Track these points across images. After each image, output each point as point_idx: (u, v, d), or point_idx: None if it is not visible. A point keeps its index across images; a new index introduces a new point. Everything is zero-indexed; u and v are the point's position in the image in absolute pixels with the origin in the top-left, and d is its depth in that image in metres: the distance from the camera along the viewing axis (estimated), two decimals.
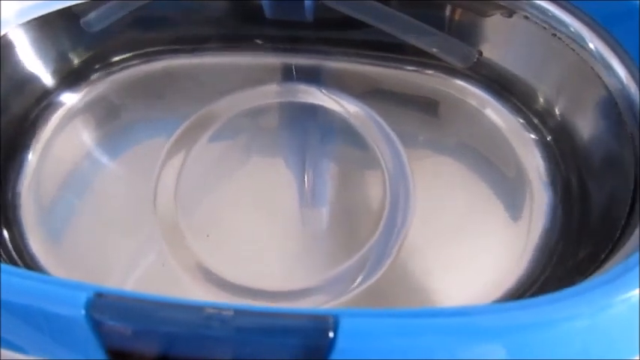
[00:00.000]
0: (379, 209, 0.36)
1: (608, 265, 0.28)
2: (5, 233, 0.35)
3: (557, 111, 0.38)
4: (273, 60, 0.43)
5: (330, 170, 0.38)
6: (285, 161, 0.39)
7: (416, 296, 0.33)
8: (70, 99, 0.41)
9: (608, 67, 0.33)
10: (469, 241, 0.35)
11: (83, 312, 0.22)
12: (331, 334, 0.21)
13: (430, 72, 0.41)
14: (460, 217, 0.36)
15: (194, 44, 0.43)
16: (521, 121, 0.39)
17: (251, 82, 0.42)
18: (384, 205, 0.36)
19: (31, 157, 0.38)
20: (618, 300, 0.23)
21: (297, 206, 0.37)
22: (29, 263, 0.34)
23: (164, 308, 0.22)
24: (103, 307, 0.22)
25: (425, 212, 0.36)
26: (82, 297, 0.22)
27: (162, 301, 0.22)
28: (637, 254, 0.25)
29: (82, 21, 0.40)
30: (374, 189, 0.37)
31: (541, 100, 0.38)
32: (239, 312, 0.21)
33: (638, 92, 0.32)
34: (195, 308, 0.21)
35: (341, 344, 0.21)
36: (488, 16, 0.39)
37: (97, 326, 0.22)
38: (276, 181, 0.38)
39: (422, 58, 0.41)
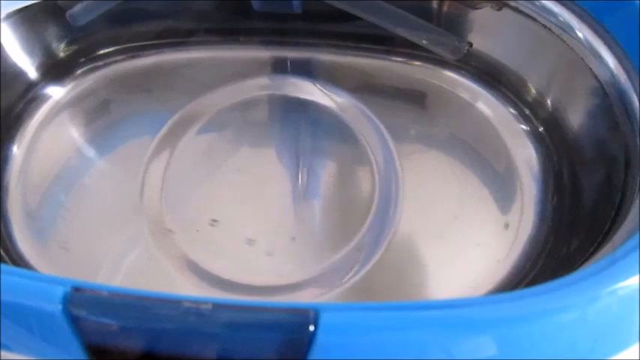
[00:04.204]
0: (369, 203, 0.36)
1: (598, 256, 0.27)
2: None
3: (548, 101, 0.37)
4: (263, 53, 0.42)
5: (320, 164, 0.38)
6: (274, 155, 0.39)
7: (406, 290, 0.33)
8: (56, 93, 0.41)
9: (598, 57, 0.33)
10: (459, 234, 0.35)
11: (60, 307, 0.21)
12: (312, 328, 0.20)
13: (420, 64, 0.41)
14: (450, 210, 0.35)
15: (181, 38, 0.43)
16: (513, 112, 0.39)
17: (240, 75, 0.41)
18: (373, 199, 0.36)
19: (17, 150, 0.38)
20: (606, 292, 0.22)
21: (287, 200, 0.36)
22: (15, 257, 0.34)
23: (142, 302, 0.21)
24: (81, 301, 0.22)
25: (415, 206, 0.35)
26: (59, 291, 0.22)
27: (140, 295, 0.22)
28: (626, 244, 0.24)
29: (67, 14, 0.40)
30: (364, 183, 0.37)
31: (532, 90, 0.38)
32: (218, 306, 0.21)
33: (628, 82, 0.32)
34: (173, 302, 0.21)
35: (322, 338, 0.21)
36: (478, 7, 0.39)
37: (74, 321, 0.21)
38: (265, 175, 0.37)
39: (412, 51, 0.41)
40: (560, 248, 0.32)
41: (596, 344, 0.23)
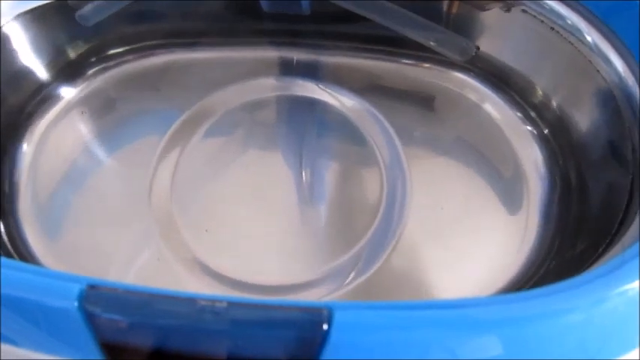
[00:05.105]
0: (376, 204, 0.36)
1: (606, 258, 0.28)
2: (1, 225, 0.35)
3: (554, 104, 0.37)
4: (271, 54, 0.43)
5: (327, 165, 0.38)
6: (282, 156, 0.39)
7: (412, 291, 0.33)
8: (66, 93, 0.41)
9: (606, 60, 0.33)
10: (466, 235, 0.35)
11: (76, 304, 0.22)
12: (325, 327, 0.21)
13: (428, 66, 0.41)
14: (457, 211, 0.36)
15: (191, 38, 0.43)
16: (519, 114, 0.39)
17: (248, 76, 0.41)
18: (380, 200, 0.36)
19: (28, 149, 0.38)
20: (614, 293, 0.22)
21: (294, 201, 0.37)
22: (25, 255, 0.34)
23: (157, 300, 0.22)
24: (96, 299, 0.22)
25: (422, 207, 0.35)
26: (75, 289, 0.22)
27: (155, 293, 0.22)
28: (635, 246, 0.24)
29: (77, 14, 0.40)
30: (371, 184, 0.37)
31: (539, 93, 0.38)
32: (232, 304, 0.21)
33: (635, 84, 0.32)
34: (189, 300, 0.21)
35: (335, 337, 0.21)
36: (486, 9, 0.39)
37: (89, 318, 0.22)
38: (273, 176, 0.38)
39: (420, 52, 0.41)
40: (568, 250, 0.32)
41: (602, 346, 0.23)
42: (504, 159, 0.37)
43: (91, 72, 0.42)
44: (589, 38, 0.34)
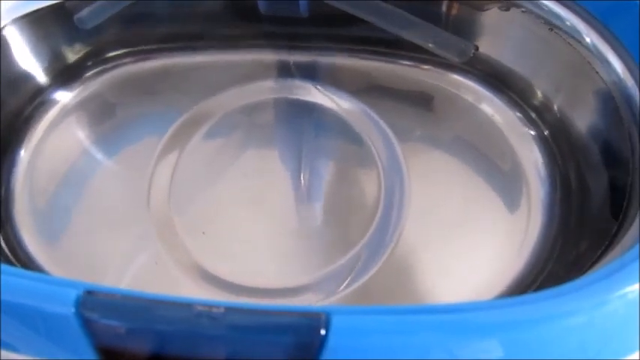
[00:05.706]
0: (374, 206, 0.36)
1: (606, 260, 0.27)
2: None
3: (554, 105, 0.37)
4: (269, 56, 0.43)
5: (325, 167, 0.38)
6: (280, 158, 0.39)
7: (411, 294, 0.33)
8: (63, 96, 0.41)
9: (605, 62, 0.33)
10: (466, 237, 0.35)
11: (73, 310, 0.22)
12: (323, 332, 0.21)
13: (426, 67, 0.41)
14: (456, 213, 0.35)
15: (189, 41, 0.43)
16: (519, 115, 0.39)
17: (246, 78, 0.41)
18: (379, 202, 0.36)
19: (25, 154, 0.38)
20: (615, 296, 0.22)
21: (292, 203, 0.37)
22: (23, 260, 0.34)
23: (154, 306, 0.21)
24: (93, 304, 0.22)
25: (420, 209, 0.35)
26: (72, 294, 0.22)
27: (152, 298, 0.22)
28: (634, 248, 0.24)
29: (75, 18, 0.40)
30: (369, 185, 0.37)
31: (539, 94, 0.38)
32: (230, 309, 0.21)
33: (635, 86, 0.32)
34: (186, 305, 0.21)
35: (332, 342, 0.21)
36: (485, 10, 0.39)
37: (87, 324, 0.22)
38: (271, 178, 0.37)
39: (418, 54, 0.41)
40: (569, 251, 0.32)
41: (603, 348, 0.23)
42: (503, 160, 0.37)
43: (88, 75, 0.42)
44: (588, 39, 0.34)
